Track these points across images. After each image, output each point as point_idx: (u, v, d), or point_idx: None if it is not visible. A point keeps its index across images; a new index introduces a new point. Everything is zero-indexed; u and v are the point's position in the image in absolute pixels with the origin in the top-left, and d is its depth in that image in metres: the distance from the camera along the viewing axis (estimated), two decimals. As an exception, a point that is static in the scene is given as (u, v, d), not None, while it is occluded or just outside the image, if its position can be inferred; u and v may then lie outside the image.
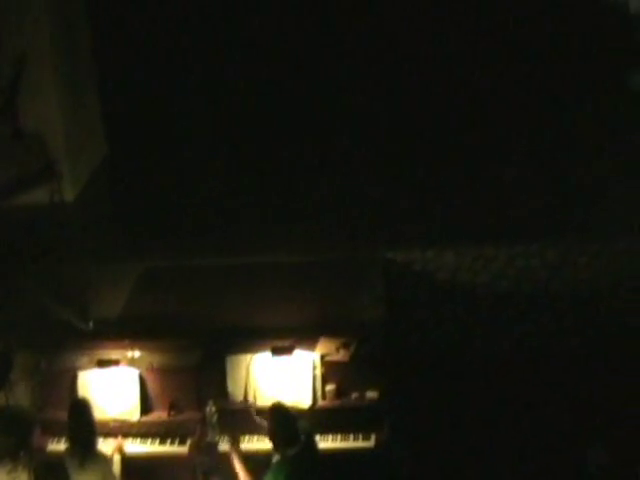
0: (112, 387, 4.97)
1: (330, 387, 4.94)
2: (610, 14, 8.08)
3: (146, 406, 4.99)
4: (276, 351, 4.92)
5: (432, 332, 6.22)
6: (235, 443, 4.52)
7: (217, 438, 4.69)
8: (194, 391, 4.96)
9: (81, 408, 4.50)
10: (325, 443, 4.74)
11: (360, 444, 4.79)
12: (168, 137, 8.13)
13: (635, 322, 6.30)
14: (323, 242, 6.29)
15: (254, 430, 4.79)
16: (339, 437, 4.82)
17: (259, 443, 4.75)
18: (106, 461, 4.44)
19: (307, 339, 5.04)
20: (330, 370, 4.95)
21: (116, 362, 4.98)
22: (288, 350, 4.92)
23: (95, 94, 7.94)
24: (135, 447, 4.88)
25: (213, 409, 4.67)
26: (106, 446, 4.71)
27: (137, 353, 5.06)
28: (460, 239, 6.23)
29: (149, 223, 6.84)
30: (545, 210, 6.63)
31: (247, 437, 4.79)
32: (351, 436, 4.82)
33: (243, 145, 7.95)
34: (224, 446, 4.63)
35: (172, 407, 4.97)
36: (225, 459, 4.54)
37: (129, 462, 4.76)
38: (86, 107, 7.71)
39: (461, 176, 7.19)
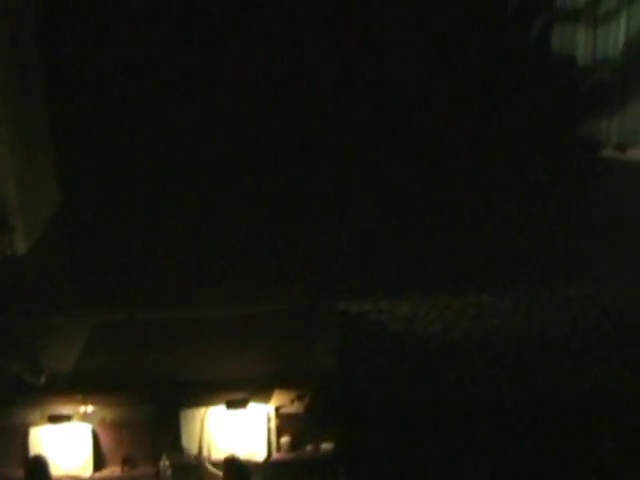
0: (65, 443, 4.91)
1: (285, 439, 4.94)
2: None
3: (99, 461, 4.94)
4: (230, 404, 4.91)
5: (386, 382, 6.24)
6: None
7: (172, 493, 4.67)
8: (148, 446, 4.92)
9: (38, 466, 4.45)
10: (280, 496, 4.75)
11: (315, 496, 4.80)
12: (124, 184, 8.10)
13: (587, 369, 6.39)
14: (276, 293, 6.31)
15: (209, 484, 4.78)
16: (294, 489, 4.83)
17: (214, 497, 4.74)
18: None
19: (261, 391, 5.04)
20: (285, 422, 4.96)
21: (68, 417, 4.93)
22: (242, 403, 4.92)
23: (48, 142, 7.85)
24: (89, 503, 4.83)
25: (167, 463, 4.65)
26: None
27: (90, 408, 5.01)
28: (414, 289, 6.29)
29: (103, 275, 6.81)
30: (497, 259, 6.72)
31: (202, 491, 4.78)
32: (306, 488, 4.83)
33: (198, 199, 7.93)
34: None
35: (126, 462, 4.93)
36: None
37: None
38: (39, 156, 7.61)
39: (414, 226, 7.25)
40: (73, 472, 4.89)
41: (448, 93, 8.08)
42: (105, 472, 4.93)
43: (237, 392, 4.98)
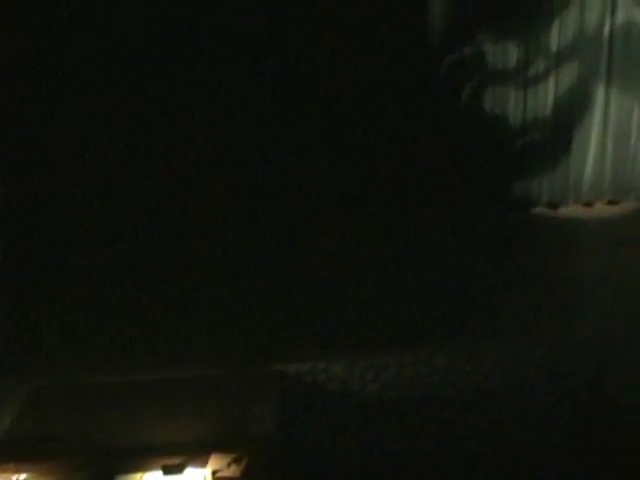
0: (-4, 512, 4.84)
1: (222, 503, 4.92)
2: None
3: (33, 530, 4.87)
4: (167, 470, 4.88)
5: (324, 443, 6.25)
6: None
7: None
8: (83, 513, 4.87)
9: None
10: None
11: None
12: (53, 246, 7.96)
13: (523, 426, 6.47)
14: (212, 355, 6.29)
15: None
16: None
17: None
18: None
19: (198, 456, 5.01)
20: (222, 486, 4.94)
21: (1, 487, 4.86)
22: (179, 468, 4.89)
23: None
24: None
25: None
26: None
27: (23, 476, 4.94)
28: (351, 350, 6.33)
29: (36, 340, 6.71)
30: (432, 317, 6.79)
31: None
32: None
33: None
34: None
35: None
36: None
37: None
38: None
39: (350, 287, 7.28)
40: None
41: (383, 156, 8.17)
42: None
43: (173, 456, 4.95)
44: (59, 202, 7.79)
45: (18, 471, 4.94)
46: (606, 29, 8.29)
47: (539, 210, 8.60)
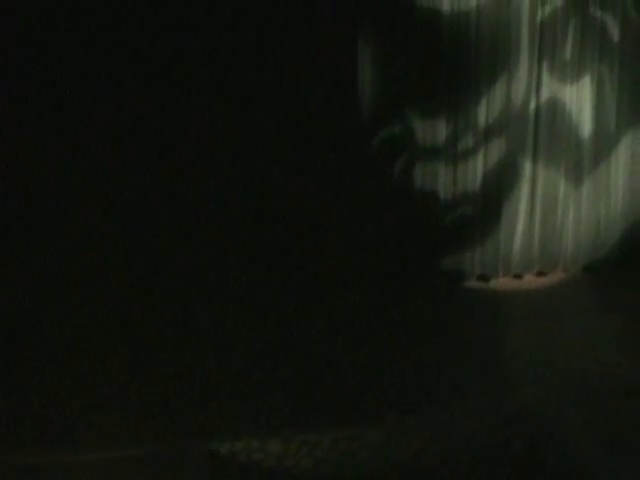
0: None
1: None
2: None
3: None
4: None
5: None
6: None
7: None
8: None
9: None
10: None
11: None
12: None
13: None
14: (144, 435, 6.21)
15: None
16: None
17: None
18: None
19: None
20: None
21: None
22: None
23: None
24: None
25: None
26: None
27: None
28: (285, 427, 6.31)
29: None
30: (365, 391, 6.81)
31: None
32: None
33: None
34: None
35: None
36: None
37: None
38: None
39: (281, 364, 7.27)
40: None
41: (312, 231, 8.26)
42: None
43: None
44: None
45: None
46: (532, 105, 8.54)
47: (470, 283, 8.73)
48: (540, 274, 8.96)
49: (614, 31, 8.59)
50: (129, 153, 7.97)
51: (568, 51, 8.51)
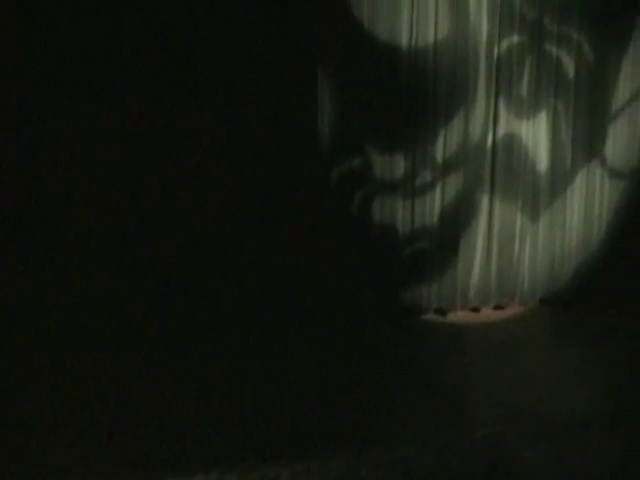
0: None
1: None
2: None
3: None
4: None
5: None
6: None
7: None
8: None
9: None
10: None
11: None
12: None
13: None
14: (98, 469, 6.13)
15: None
16: None
17: None
18: None
19: None
20: None
21: None
22: None
23: None
24: None
25: None
26: None
27: None
28: (243, 461, 6.26)
29: None
30: (322, 424, 6.79)
31: None
32: None
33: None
34: None
35: None
36: None
37: None
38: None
39: (237, 396, 7.22)
40: None
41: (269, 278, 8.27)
42: None
43: None
44: None
45: None
46: (489, 140, 8.65)
47: (428, 317, 8.78)
48: (497, 307, 9.03)
49: (569, 67, 8.76)
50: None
51: (524, 87, 8.67)
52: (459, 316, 8.85)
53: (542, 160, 8.85)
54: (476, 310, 8.96)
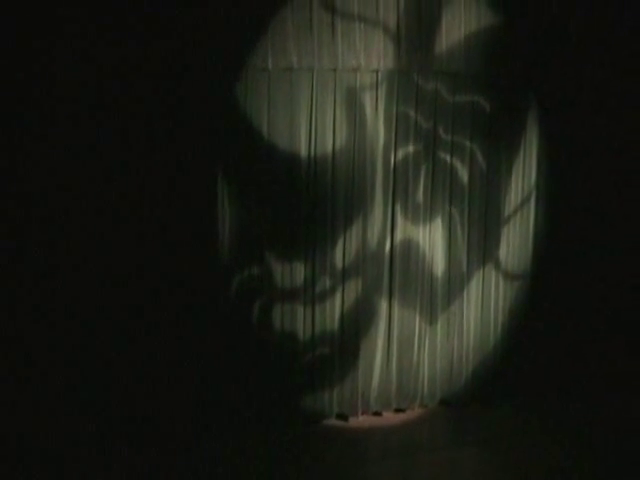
0: None
1: None
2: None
3: None
4: None
5: None
6: None
7: None
8: None
9: None
10: None
11: None
12: None
13: None
14: None
15: None
16: None
17: None
18: None
19: None
20: None
21: None
22: None
23: None
24: None
25: None
26: None
27: None
28: None
29: None
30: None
31: None
32: None
33: None
34: None
35: None
36: None
37: None
38: None
39: None
40: None
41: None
42: None
43: None
44: None
45: None
46: (387, 246, 8.81)
47: (329, 422, 8.77)
48: (399, 410, 9.09)
49: (463, 174, 9.05)
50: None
51: (421, 193, 8.89)
52: (361, 421, 8.86)
53: (439, 264, 9.06)
54: (378, 414, 8.99)
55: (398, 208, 8.81)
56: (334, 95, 8.44)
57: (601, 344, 9.58)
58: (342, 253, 8.64)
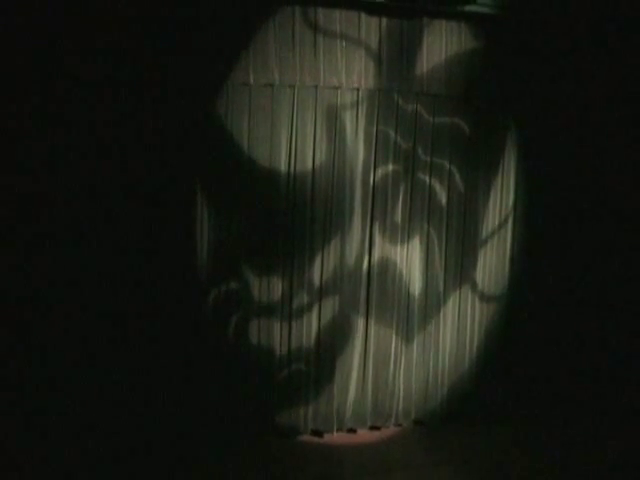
0: None
1: None
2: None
3: None
4: None
5: None
6: None
7: None
8: None
9: None
10: None
11: None
12: None
13: None
14: None
15: None
16: None
17: None
18: None
19: None
20: None
21: None
22: None
23: None
24: None
25: None
26: None
27: None
28: None
29: None
30: None
31: None
32: None
33: None
34: None
35: None
36: None
37: None
38: None
39: None
40: None
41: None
42: None
43: None
44: None
45: None
46: (365, 264, 8.85)
47: (304, 438, 8.76)
48: (373, 428, 9.09)
49: (442, 194, 9.10)
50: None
51: (399, 213, 8.95)
52: (336, 438, 8.86)
53: (416, 284, 9.10)
54: (353, 431, 8.99)
55: (376, 227, 8.86)
56: (315, 112, 8.50)
57: (576, 363, 9.63)
58: (320, 270, 8.67)
